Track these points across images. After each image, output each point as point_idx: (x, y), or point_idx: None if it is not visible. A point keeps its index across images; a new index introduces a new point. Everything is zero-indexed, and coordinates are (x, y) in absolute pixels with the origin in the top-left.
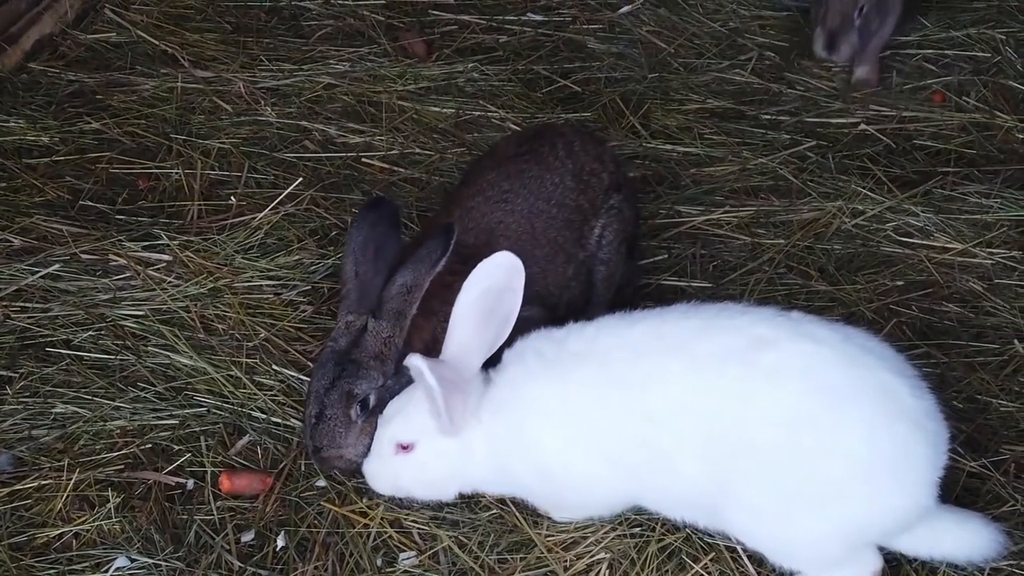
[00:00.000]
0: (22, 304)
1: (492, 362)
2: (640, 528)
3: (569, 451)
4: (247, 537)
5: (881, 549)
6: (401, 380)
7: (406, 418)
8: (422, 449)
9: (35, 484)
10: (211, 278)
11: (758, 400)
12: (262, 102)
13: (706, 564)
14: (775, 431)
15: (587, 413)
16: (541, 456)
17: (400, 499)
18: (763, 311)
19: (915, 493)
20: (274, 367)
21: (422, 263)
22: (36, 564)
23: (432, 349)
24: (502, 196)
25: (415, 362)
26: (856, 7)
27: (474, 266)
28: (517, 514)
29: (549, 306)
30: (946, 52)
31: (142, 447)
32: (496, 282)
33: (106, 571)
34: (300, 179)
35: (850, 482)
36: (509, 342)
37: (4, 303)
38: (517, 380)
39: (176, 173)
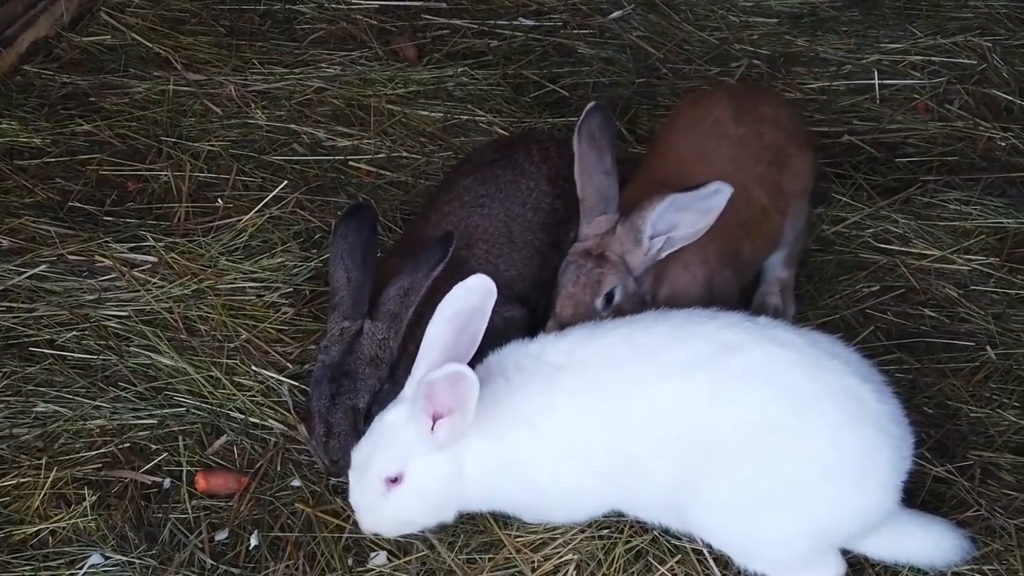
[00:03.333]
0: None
1: None
2: (608, 530)
3: (556, 463)
4: (221, 536)
5: (844, 553)
6: (396, 387)
7: (385, 450)
8: (412, 473)
9: (13, 482)
10: (195, 280)
11: (726, 403)
12: (252, 105)
13: (672, 566)
14: (743, 433)
15: (571, 424)
16: (529, 470)
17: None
18: (730, 316)
19: (879, 496)
20: (254, 368)
21: (420, 268)
22: (12, 560)
23: None
24: (478, 201)
25: (458, 368)
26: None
27: (452, 270)
28: (487, 515)
29: (529, 307)
30: (933, 59)
31: (120, 446)
32: (468, 304)
33: (80, 568)
34: (285, 182)
35: (815, 484)
36: (492, 343)
37: None
38: (500, 394)
39: (165, 175)
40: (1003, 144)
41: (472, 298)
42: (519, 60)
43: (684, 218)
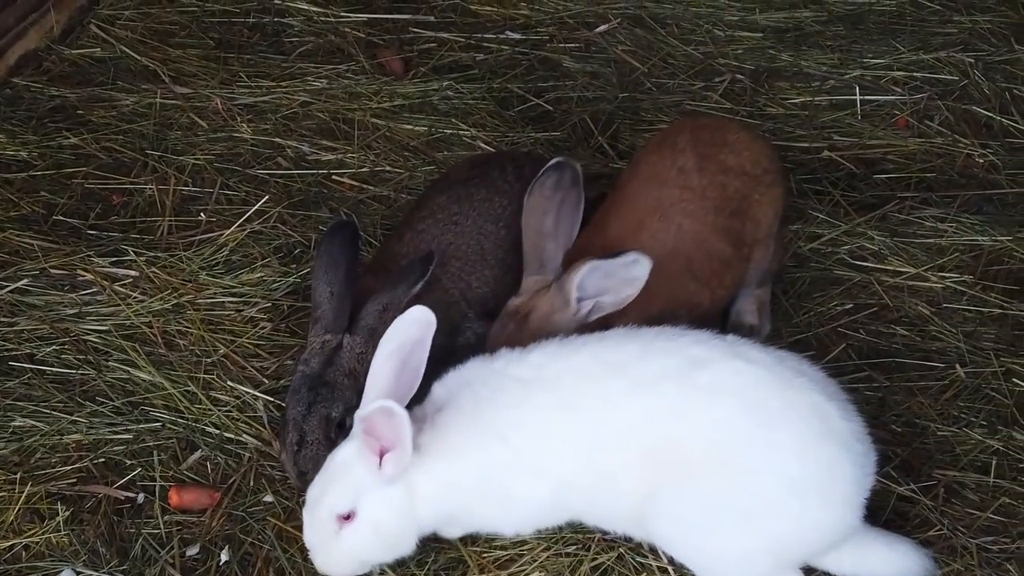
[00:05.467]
0: None
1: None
2: (575, 547)
3: (528, 478)
4: (192, 551)
5: (810, 572)
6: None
7: (335, 487)
8: (364, 509)
9: None
10: (175, 294)
11: (693, 418)
12: (238, 118)
13: None
14: (708, 447)
15: (542, 439)
16: (501, 486)
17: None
18: (699, 333)
19: (842, 512)
20: (230, 383)
21: (400, 284)
22: None
23: None
24: (452, 219)
25: (384, 404)
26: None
27: (424, 287)
28: None
29: None
30: (915, 74)
31: (95, 461)
32: (409, 337)
33: None
34: (267, 197)
35: (779, 499)
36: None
37: None
38: (468, 410)
39: (150, 189)
40: (981, 161)
41: (412, 331)
42: (505, 74)
43: (611, 284)
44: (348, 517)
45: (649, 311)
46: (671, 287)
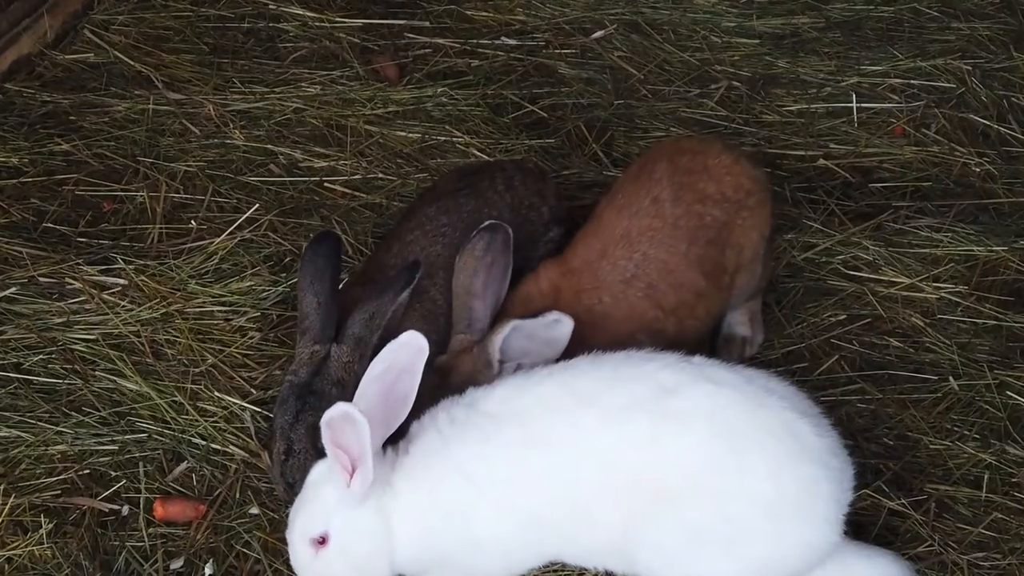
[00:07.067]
0: None
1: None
2: (559, 564)
3: (495, 517)
4: (176, 564)
5: None
6: None
7: (308, 509)
8: (335, 531)
9: None
10: (164, 303)
11: (666, 445)
12: (231, 125)
13: None
14: (683, 475)
15: (510, 475)
16: (468, 525)
17: None
18: (667, 357)
19: (821, 530)
20: (217, 394)
21: (386, 293)
22: None
23: None
24: (440, 230)
25: (344, 409)
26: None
27: (414, 299)
28: None
29: None
30: (912, 82)
31: (80, 472)
32: (398, 361)
33: None
34: (257, 205)
35: (757, 522)
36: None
37: None
38: (434, 448)
39: (141, 196)
40: (978, 170)
41: (402, 354)
42: (500, 80)
43: (532, 347)
44: (323, 541)
45: (605, 336)
46: (629, 313)
